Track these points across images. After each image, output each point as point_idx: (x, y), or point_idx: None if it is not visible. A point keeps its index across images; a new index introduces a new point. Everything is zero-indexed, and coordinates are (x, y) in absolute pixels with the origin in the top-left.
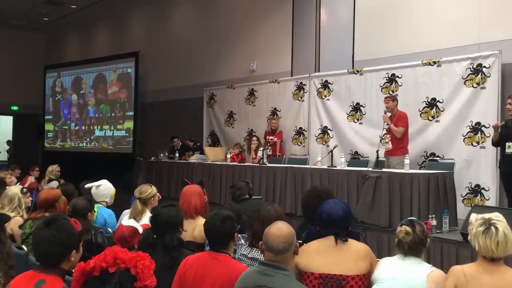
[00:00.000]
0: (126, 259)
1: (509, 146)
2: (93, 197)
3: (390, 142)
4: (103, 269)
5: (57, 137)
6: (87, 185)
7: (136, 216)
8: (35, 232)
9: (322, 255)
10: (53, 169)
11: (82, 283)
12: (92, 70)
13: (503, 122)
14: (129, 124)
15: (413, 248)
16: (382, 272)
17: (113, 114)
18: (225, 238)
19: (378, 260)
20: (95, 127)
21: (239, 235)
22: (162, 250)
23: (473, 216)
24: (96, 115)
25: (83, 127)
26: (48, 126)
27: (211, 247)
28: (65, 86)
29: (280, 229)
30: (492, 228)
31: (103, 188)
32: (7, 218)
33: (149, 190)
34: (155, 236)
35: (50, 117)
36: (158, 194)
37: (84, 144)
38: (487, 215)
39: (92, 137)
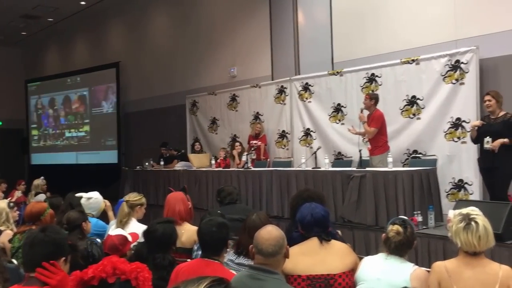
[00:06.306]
0: (127, 270)
1: (487, 142)
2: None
3: (368, 142)
4: (101, 279)
5: (40, 139)
6: (77, 194)
7: (123, 219)
8: (28, 237)
9: (307, 257)
10: (39, 183)
11: None
12: None
13: (482, 121)
14: None
15: (399, 248)
16: (365, 272)
17: None
18: (220, 244)
19: (361, 257)
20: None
21: None
22: (153, 268)
23: (451, 213)
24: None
25: (57, 131)
26: (34, 132)
27: (204, 254)
28: (44, 104)
29: (270, 232)
30: (473, 223)
31: (94, 202)
32: None
33: (139, 196)
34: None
35: (35, 125)
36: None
37: (59, 142)
38: (464, 211)
39: (63, 138)
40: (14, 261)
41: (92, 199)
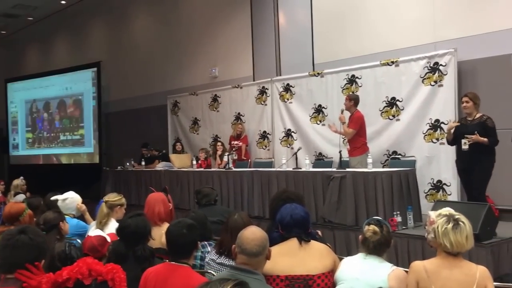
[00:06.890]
0: (103, 271)
1: (464, 143)
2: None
3: (347, 143)
4: (77, 280)
5: (35, 142)
6: (52, 197)
7: (102, 220)
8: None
9: (286, 258)
10: (18, 183)
11: None
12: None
13: (458, 122)
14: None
15: (377, 247)
16: (344, 272)
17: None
18: (189, 246)
19: (341, 258)
20: (61, 134)
21: (205, 243)
22: (134, 262)
23: (433, 214)
24: (61, 126)
25: (52, 135)
26: (28, 135)
27: (172, 257)
28: (39, 107)
29: (254, 233)
30: (460, 223)
31: (70, 202)
32: None
33: (118, 197)
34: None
35: (29, 128)
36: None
37: (54, 145)
38: (443, 211)
39: (58, 141)
40: None
41: (68, 199)
